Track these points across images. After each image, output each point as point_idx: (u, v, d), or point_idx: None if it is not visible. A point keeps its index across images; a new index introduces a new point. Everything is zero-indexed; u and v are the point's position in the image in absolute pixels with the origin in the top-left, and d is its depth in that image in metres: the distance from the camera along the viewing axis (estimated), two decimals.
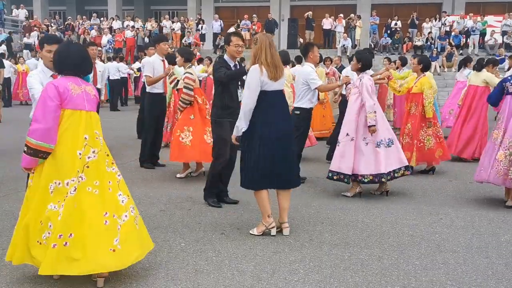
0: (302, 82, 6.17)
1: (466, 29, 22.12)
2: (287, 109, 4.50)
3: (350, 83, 6.14)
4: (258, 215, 4.93)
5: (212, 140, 6.37)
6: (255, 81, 4.23)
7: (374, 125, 5.56)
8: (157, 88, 7.11)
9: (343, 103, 7.49)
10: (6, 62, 16.31)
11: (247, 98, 4.27)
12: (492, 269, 3.79)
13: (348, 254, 4.04)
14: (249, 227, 4.60)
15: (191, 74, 6.34)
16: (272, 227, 4.43)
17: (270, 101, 4.30)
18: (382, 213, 5.17)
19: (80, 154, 3.28)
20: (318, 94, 6.47)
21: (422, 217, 5.06)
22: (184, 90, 6.30)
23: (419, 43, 22.31)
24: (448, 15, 23.77)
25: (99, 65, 8.57)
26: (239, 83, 5.15)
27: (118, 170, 3.51)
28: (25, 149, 3.28)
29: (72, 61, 3.39)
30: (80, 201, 3.23)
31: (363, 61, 5.79)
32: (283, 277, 3.60)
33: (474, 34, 21.70)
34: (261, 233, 4.43)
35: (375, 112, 5.57)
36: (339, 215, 5.09)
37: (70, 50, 3.45)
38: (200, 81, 10.15)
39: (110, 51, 22.82)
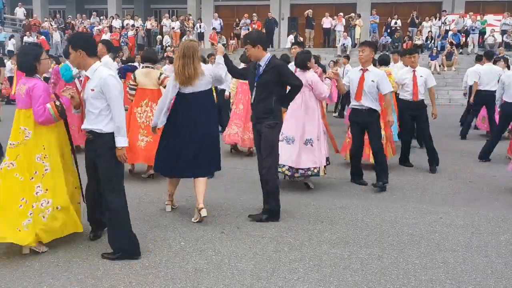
0: None
1: (465, 28, 22.13)
2: (209, 108, 4.79)
3: None
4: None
5: (145, 143, 6.33)
6: (169, 86, 4.74)
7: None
8: None
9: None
10: (7, 63, 16.15)
11: (160, 101, 4.86)
12: (492, 268, 3.79)
13: (348, 253, 4.05)
14: (249, 227, 4.61)
15: (135, 77, 6.44)
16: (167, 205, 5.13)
17: (188, 101, 4.68)
18: (382, 212, 5.18)
19: (12, 144, 3.92)
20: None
21: (422, 216, 5.06)
22: (127, 89, 6.45)
23: (419, 42, 22.31)
24: (448, 14, 23.77)
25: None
26: (254, 84, 4.88)
27: (48, 164, 3.91)
28: None
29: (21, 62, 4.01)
30: (5, 182, 3.85)
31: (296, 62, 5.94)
32: (282, 276, 3.61)
33: (474, 33, 21.71)
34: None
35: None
36: (338, 214, 5.10)
37: (19, 52, 4.17)
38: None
39: (123, 44, 22.77)
